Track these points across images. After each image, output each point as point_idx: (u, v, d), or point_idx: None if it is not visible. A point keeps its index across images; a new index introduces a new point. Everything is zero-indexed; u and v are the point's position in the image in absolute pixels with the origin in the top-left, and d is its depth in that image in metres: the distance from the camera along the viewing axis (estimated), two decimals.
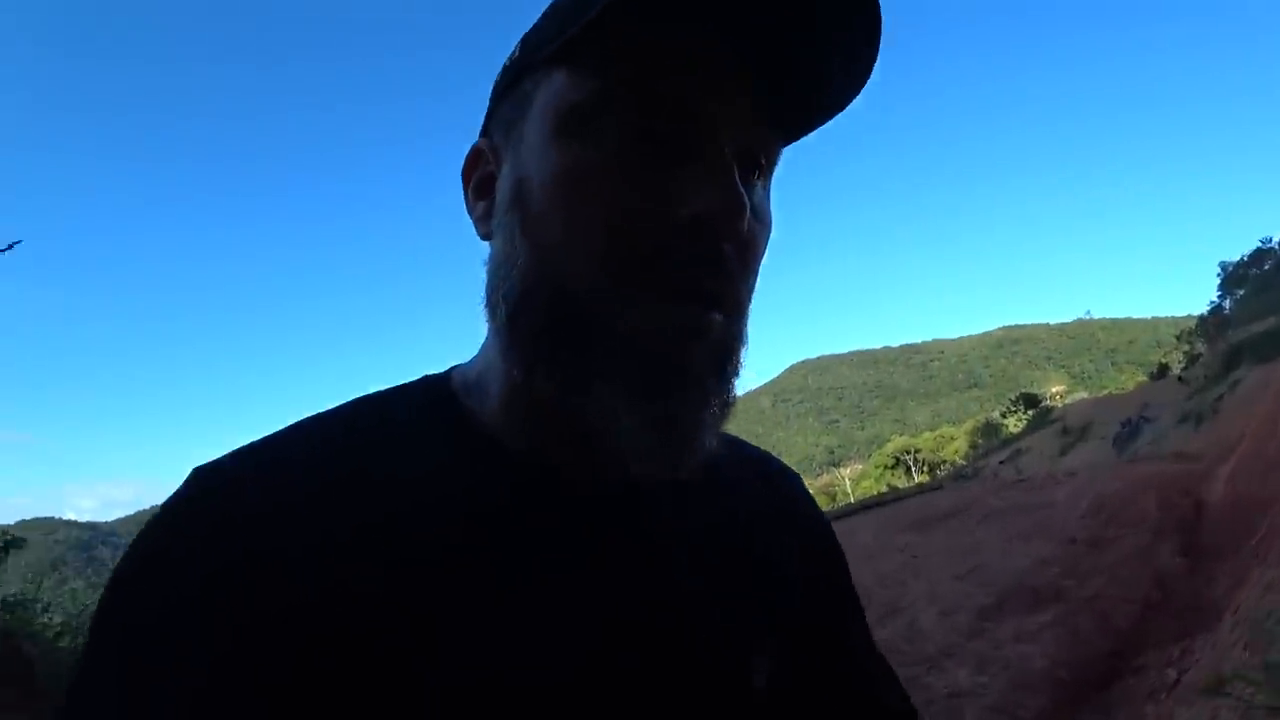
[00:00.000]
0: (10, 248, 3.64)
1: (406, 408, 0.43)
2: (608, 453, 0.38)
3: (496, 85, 0.43)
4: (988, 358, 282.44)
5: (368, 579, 0.33)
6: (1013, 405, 50.61)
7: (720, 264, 0.37)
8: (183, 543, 0.33)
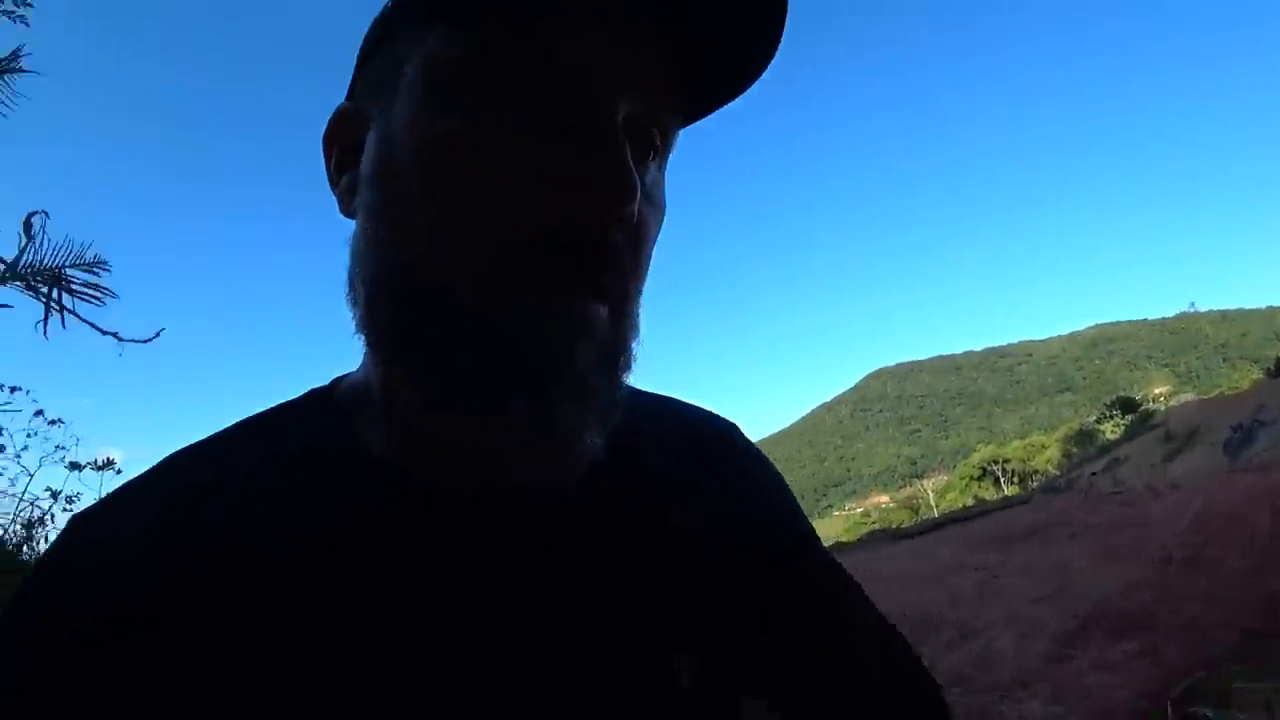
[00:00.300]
0: (157, 335, 3.96)
1: (286, 430, 0.39)
2: (482, 463, 0.35)
3: (365, 42, 0.39)
4: (1080, 359, 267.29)
5: (231, 630, 0.30)
6: (1109, 410, 47.59)
7: (606, 252, 0.33)
8: (43, 602, 0.31)
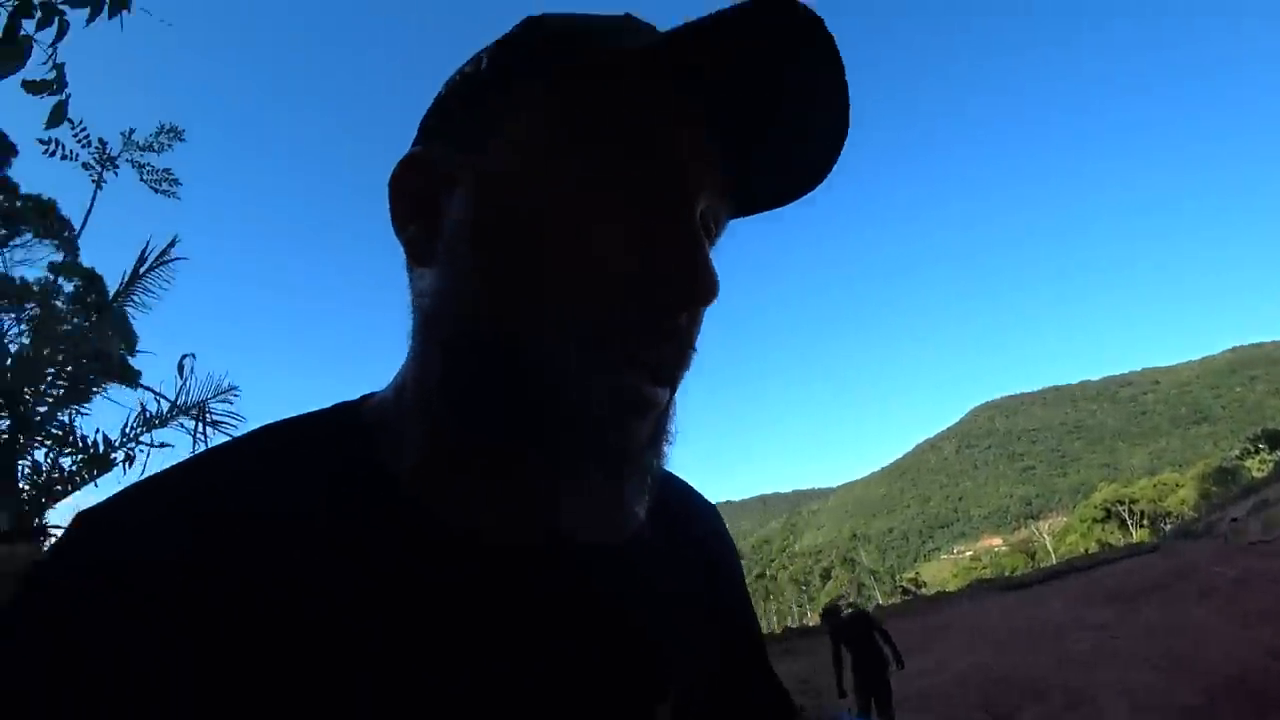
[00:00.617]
0: (188, 356, 4.71)
1: (311, 443, 0.40)
2: (538, 517, 0.38)
3: (453, 95, 0.41)
4: (1217, 386, 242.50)
5: (244, 639, 0.32)
6: (1253, 444, 42.70)
7: (680, 339, 0.37)
8: (49, 596, 0.32)
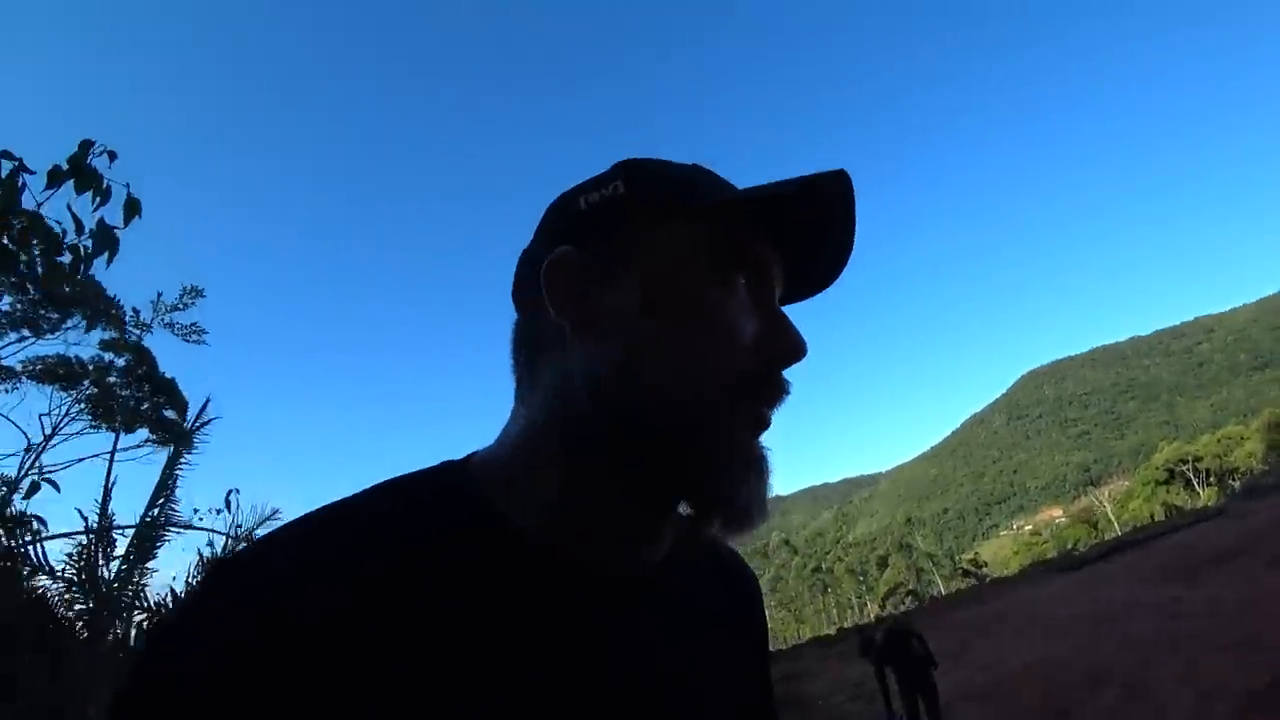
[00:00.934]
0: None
1: (431, 498, 0.45)
2: (655, 547, 0.50)
3: (592, 212, 0.50)
4: (1278, 328, 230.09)
5: (393, 690, 0.35)
6: None
7: (785, 384, 0.49)
8: (191, 642, 0.34)
